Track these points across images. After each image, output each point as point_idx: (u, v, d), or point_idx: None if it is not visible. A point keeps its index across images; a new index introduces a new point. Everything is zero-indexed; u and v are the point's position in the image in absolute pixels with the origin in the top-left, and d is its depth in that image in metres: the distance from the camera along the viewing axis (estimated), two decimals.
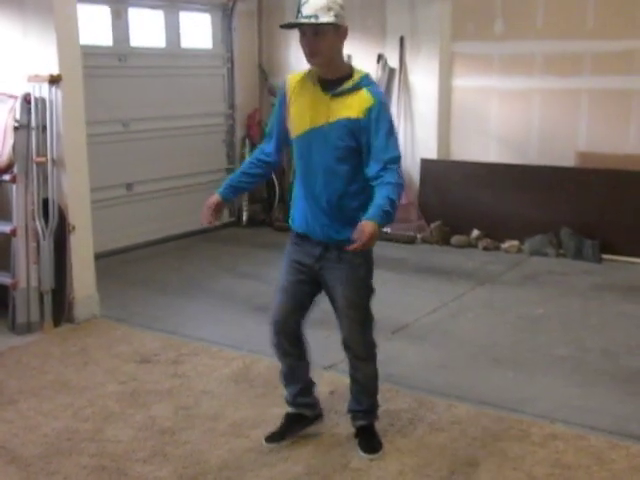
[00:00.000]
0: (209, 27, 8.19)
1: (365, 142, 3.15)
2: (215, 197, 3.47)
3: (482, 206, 7.39)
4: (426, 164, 7.74)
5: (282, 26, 3.23)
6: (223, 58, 8.31)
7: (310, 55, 3.16)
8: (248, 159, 3.59)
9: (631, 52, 6.84)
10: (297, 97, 3.28)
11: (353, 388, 3.56)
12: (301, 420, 3.61)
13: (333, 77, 3.20)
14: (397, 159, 3.16)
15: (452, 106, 7.84)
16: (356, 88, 3.17)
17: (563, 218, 6.99)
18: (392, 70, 7.77)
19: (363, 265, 3.33)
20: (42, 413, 3.89)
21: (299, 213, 3.39)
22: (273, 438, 3.56)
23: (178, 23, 7.74)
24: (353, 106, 3.14)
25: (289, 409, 3.63)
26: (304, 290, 3.41)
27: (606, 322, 5.24)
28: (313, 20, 3.05)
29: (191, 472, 3.33)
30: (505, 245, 7.22)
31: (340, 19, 3.10)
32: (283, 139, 3.42)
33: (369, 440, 3.52)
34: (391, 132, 3.17)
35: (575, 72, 7.14)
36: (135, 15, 7.25)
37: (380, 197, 3.07)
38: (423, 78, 7.68)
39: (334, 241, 3.27)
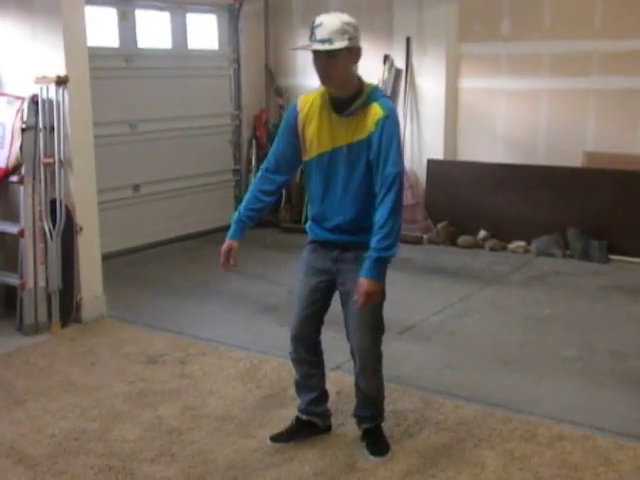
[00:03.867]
0: (215, 28, 8.20)
1: (374, 154, 3.14)
2: (228, 243, 3.45)
3: (489, 207, 7.38)
4: (433, 165, 7.74)
5: (294, 49, 3.20)
6: (230, 59, 8.33)
7: (324, 78, 3.16)
8: (252, 191, 3.44)
9: (638, 52, 6.82)
10: (312, 118, 3.26)
11: (359, 396, 3.55)
12: (311, 427, 3.61)
13: (345, 95, 3.18)
14: (396, 175, 3.13)
15: (459, 107, 7.84)
16: (367, 104, 3.16)
17: (570, 219, 6.98)
18: (398, 71, 7.76)
19: None
20: (50, 413, 3.90)
21: (316, 228, 3.39)
22: (279, 438, 3.57)
23: (185, 24, 7.76)
24: (366, 124, 3.14)
25: (302, 416, 3.62)
26: (323, 296, 3.42)
27: (614, 323, 5.23)
28: (327, 45, 3.03)
29: (198, 472, 3.34)
30: (512, 246, 7.21)
31: (353, 41, 3.09)
32: (293, 160, 3.39)
33: (376, 442, 3.51)
34: (395, 147, 3.15)
35: (583, 72, 7.12)
36: (142, 17, 7.27)
37: (373, 240, 3.12)
38: (430, 79, 7.68)
39: (351, 244, 3.27)
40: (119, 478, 3.29)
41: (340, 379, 4.10)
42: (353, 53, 3.13)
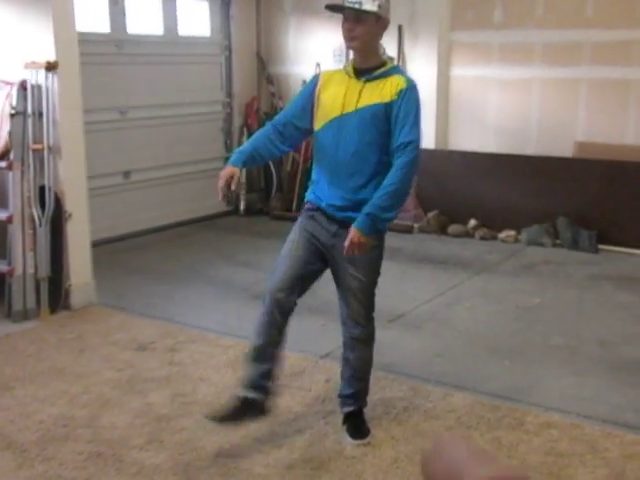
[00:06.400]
0: (207, 15, 8.16)
1: (393, 122, 3.22)
2: (230, 169, 3.29)
3: (479, 196, 7.39)
4: (424, 154, 7.56)
5: (326, 7, 3.29)
6: (221, 46, 8.29)
7: (349, 39, 3.26)
8: (260, 137, 3.41)
9: (630, 42, 6.82)
10: (329, 87, 3.34)
11: (345, 372, 3.53)
12: (252, 408, 3.38)
13: (367, 66, 3.28)
14: (413, 143, 3.20)
15: (450, 96, 7.83)
16: (388, 74, 3.28)
17: (560, 208, 7.00)
18: (390, 59, 7.71)
19: (377, 248, 3.34)
20: (38, 400, 3.89)
21: (320, 193, 3.36)
22: (218, 418, 3.37)
23: (176, 10, 7.71)
24: (385, 91, 3.23)
25: (247, 393, 3.37)
26: (314, 265, 3.37)
27: (602, 312, 5.25)
28: (357, 6, 3.17)
29: (187, 458, 3.34)
30: (502, 235, 7.23)
31: (382, 10, 3.24)
32: (299, 128, 3.41)
33: (357, 426, 3.52)
34: (416, 116, 3.24)
35: (574, 62, 7.12)
36: (132, 2, 7.22)
37: (375, 196, 3.17)
38: (421, 67, 7.66)
39: (352, 220, 3.23)
40: (108, 464, 3.29)
41: (329, 367, 4.11)
42: (380, 22, 3.27)
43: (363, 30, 3.21)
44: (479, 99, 7.68)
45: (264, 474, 3.23)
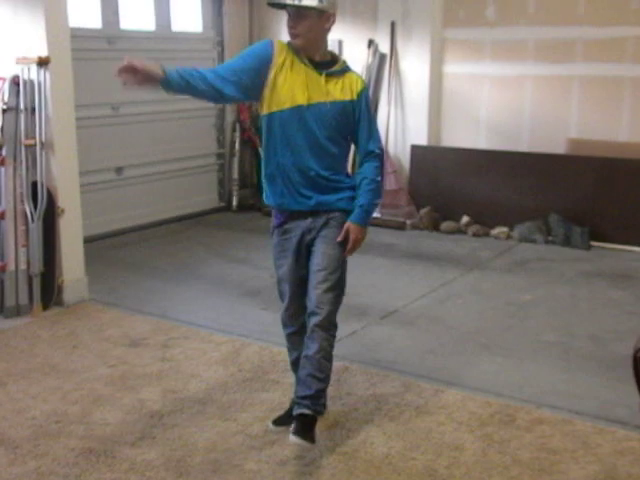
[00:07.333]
0: (199, 11, 8.14)
1: (354, 122, 3.32)
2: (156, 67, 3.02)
3: (472, 192, 7.40)
4: (416, 150, 7.74)
5: (268, 4, 3.26)
6: (213, 42, 8.27)
7: (292, 36, 3.24)
8: (195, 70, 3.13)
9: (623, 39, 6.84)
10: (286, 70, 3.23)
11: (303, 372, 3.29)
12: None
13: (320, 60, 3.29)
14: (380, 150, 3.38)
15: (443, 92, 7.83)
16: (344, 71, 3.32)
17: (553, 205, 7.01)
18: (383, 56, 7.74)
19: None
20: (31, 396, 3.89)
21: (281, 190, 3.32)
22: (281, 421, 3.55)
23: (168, 6, 7.69)
24: (345, 88, 3.28)
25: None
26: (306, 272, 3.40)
27: (594, 309, 5.27)
28: (297, 2, 3.14)
29: (179, 455, 3.34)
30: (494, 231, 7.24)
31: (324, 5, 3.16)
32: (247, 90, 3.23)
33: (305, 428, 3.22)
34: (373, 120, 3.42)
35: (567, 59, 7.13)
36: None
37: (362, 196, 3.31)
38: (414, 64, 7.66)
39: (323, 207, 3.30)
40: (100, 461, 3.29)
41: None
42: (324, 18, 3.21)
43: (306, 26, 3.17)
44: (472, 96, 7.68)
45: (256, 470, 3.23)
